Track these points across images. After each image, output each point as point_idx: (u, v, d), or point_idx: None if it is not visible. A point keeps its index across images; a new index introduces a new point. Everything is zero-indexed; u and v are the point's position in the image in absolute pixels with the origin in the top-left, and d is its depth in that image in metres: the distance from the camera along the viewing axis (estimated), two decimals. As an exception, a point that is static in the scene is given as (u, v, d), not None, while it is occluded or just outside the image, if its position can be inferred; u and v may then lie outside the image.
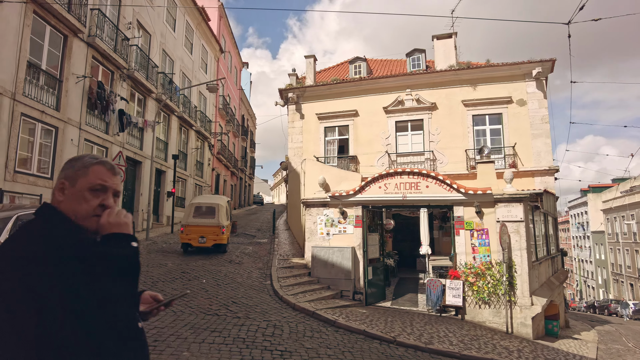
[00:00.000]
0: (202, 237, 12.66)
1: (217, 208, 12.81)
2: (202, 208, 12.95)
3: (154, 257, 12.13)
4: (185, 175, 21.72)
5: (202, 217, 12.76)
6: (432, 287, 11.27)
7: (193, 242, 12.76)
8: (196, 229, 12.70)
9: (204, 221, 12.69)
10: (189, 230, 12.72)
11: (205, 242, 12.69)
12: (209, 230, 12.69)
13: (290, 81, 25.06)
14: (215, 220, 12.72)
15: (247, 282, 10.52)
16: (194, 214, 12.83)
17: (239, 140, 34.96)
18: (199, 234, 12.67)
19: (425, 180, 11.64)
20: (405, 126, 21.43)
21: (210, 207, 12.91)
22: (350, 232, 12.31)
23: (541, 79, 19.99)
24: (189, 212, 12.92)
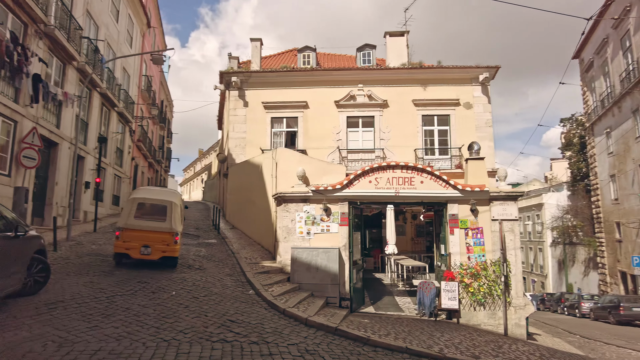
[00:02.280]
0: (146, 247, 9.15)
1: (169, 207, 9.33)
2: (148, 206, 9.45)
3: (91, 262, 9.53)
4: (105, 163, 18.30)
5: (147, 218, 9.36)
6: (426, 290, 10.49)
7: (132, 252, 9.14)
8: (139, 235, 9.13)
9: (150, 224, 9.25)
10: (128, 236, 9.11)
11: (150, 253, 9.18)
12: (156, 238, 9.20)
13: (230, 65, 22.81)
14: (166, 223, 9.24)
15: (227, 293, 8.63)
16: (136, 213, 9.28)
17: (157, 129, 31.25)
18: (142, 242, 9.15)
19: (419, 176, 10.84)
20: (357, 122, 20.75)
21: (160, 205, 9.42)
22: (334, 231, 11.00)
23: (486, 84, 20.77)
24: (129, 210, 9.29)
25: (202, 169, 53.28)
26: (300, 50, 22.83)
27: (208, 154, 53.02)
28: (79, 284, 7.75)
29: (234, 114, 20.93)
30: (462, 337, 8.48)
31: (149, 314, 6.59)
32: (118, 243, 9.22)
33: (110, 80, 18.44)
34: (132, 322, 6.07)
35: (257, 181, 14.42)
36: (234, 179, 19.05)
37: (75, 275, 8.44)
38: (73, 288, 7.47)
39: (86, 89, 15.74)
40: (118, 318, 6.20)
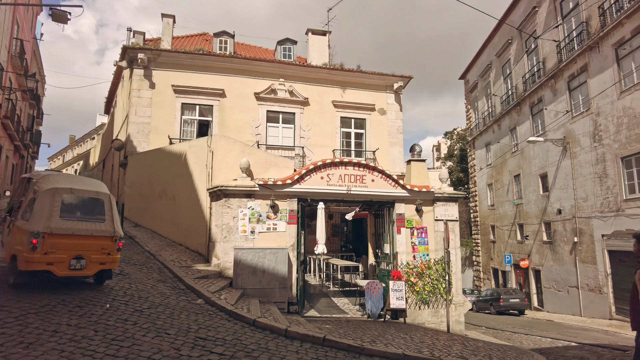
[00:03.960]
0: (79, 258, 6.50)
1: (108, 202, 7.02)
2: (78, 201, 6.79)
3: None
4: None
5: (79, 218, 6.70)
6: (373, 291, 10.23)
7: (58, 267, 6.37)
8: (68, 243, 6.41)
9: (85, 227, 6.62)
10: (52, 245, 6.26)
11: (85, 266, 6.58)
12: (93, 245, 6.64)
13: (135, 40, 19.91)
14: (106, 225, 6.85)
15: (172, 303, 7.16)
16: (62, 212, 6.52)
17: (26, 106, 25.97)
18: (73, 252, 6.46)
19: (371, 174, 10.56)
20: (277, 117, 19.91)
21: (94, 199, 6.94)
22: (282, 230, 10.07)
23: (399, 92, 21.80)
24: (50, 206, 6.40)
25: (75, 158, 46.18)
26: (217, 35, 21.10)
27: (83, 142, 46.20)
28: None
29: (138, 96, 18.30)
30: (425, 337, 8.36)
31: (92, 337, 4.98)
32: (35, 256, 6.09)
33: (-25, 36, 14.50)
34: (73, 352, 4.48)
35: (178, 172, 12.62)
36: (136, 169, 16.58)
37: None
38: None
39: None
40: (49, 347, 4.53)
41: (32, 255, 6.13)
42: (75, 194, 6.78)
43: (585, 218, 18.89)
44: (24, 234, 6.29)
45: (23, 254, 6.15)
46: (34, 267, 6.20)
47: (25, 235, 6.21)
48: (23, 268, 6.21)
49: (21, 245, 6.27)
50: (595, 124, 18.13)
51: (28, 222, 6.32)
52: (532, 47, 24.38)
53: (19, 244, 6.37)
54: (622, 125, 16.49)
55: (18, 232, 6.54)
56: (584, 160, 18.96)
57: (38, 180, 6.81)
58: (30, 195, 6.62)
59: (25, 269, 6.21)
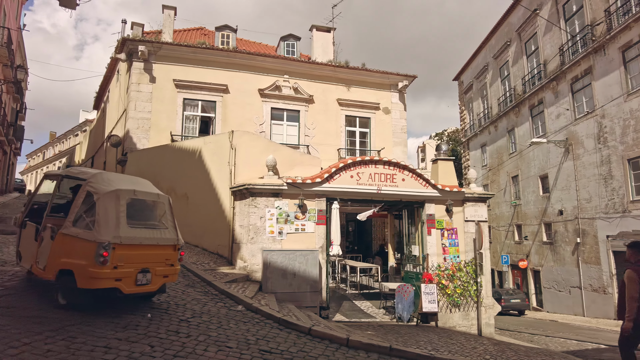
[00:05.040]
0: (145, 272, 5.53)
1: (168, 206, 6.17)
2: (140, 205, 5.87)
3: None
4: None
5: (144, 226, 5.78)
6: (405, 294, 9.87)
7: (126, 282, 5.35)
8: (135, 255, 5.47)
9: (150, 235, 5.70)
10: (121, 257, 5.29)
11: (150, 281, 5.60)
12: (157, 256, 5.75)
13: (134, 32, 19.04)
14: (170, 232, 5.99)
15: (213, 311, 6.63)
16: (129, 218, 5.52)
17: (10, 99, 24.65)
18: (140, 265, 5.49)
19: (401, 173, 10.18)
20: (281, 115, 19.39)
21: (155, 202, 6.10)
22: (310, 231, 9.59)
23: (403, 92, 21.58)
24: (116, 212, 5.38)
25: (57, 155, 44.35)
26: (219, 29, 20.44)
27: (65, 139, 44.42)
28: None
29: (137, 90, 17.50)
30: (468, 342, 8.04)
31: (150, 353, 4.45)
32: (104, 271, 5.09)
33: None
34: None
35: (190, 170, 11.98)
36: (137, 167, 15.74)
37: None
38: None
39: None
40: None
41: (101, 270, 5.07)
42: (138, 196, 5.79)
43: (589, 219, 19.03)
44: (84, 245, 5.18)
45: (87, 269, 5.07)
46: (101, 284, 5.15)
47: (88, 246, 5.14)
48: (86, 286, 5.13)
49: (82, 259, 5.15)
50: (600, 125, 18.28)
51: (91, 231, 5.21)
52: (532, 49, 24.54)
53: (78, 257, 5.19)
54: (629, 127, 16.63)
55: (72, 243, 5.32)
56: (588, 162, 19.11)
57: (90, 180, 5.65)
58: (82, 197, 5.52)
59: (90, 286, 5.14)
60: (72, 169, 6.49)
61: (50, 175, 6.84)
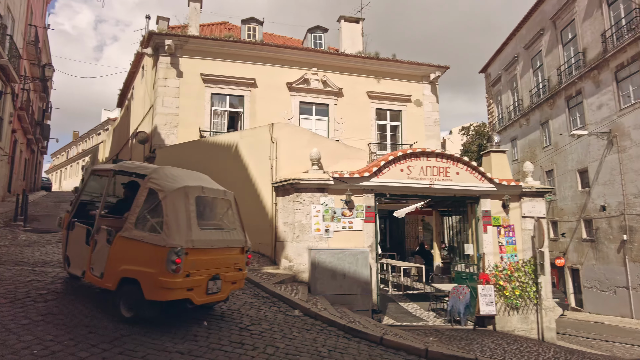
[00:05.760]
0: (215, 279, 4.92)
1: (233, 204, 5.54)
2: (205, 203, 5.28)
3: (19, 277, 6.02)
4: (-20, 132, 13.08)
5: (212, 227, 5.24)
6: (460, 296, 9.17)
7: (197, 292, 4.74)
8: (206, 260, 4.85)
9: (220, 238, 5.12)
10: (193, 264, 4.65)
11: (220, 289, 5.01)
12: (226, 261, 5.13)
13: (159, 27, 18.66)
14: (238, 234, 5.38)
15: (270, 316, 6.10)
16: (199, 219, 4.95)
17: (37, 98, 24.64)
18: (210, 271, 4.87)
19: (455, 166, 9.48)
20: (310, 109, 18.80)
21: (222, 201, 5.52)
22: (358, 229, 8.98)
23: (435, 83, 20.74)
24: (187, 212, 4.75)
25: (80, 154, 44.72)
26: (245, 21, 19.91)
27: (88, 137, 44.73)
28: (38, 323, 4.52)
29: (164, 85, 17.12)
30: (542, 349, 7.32)
31: None
32: (176, 280, 4.45)
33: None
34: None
35: (225, 166, 11.47)
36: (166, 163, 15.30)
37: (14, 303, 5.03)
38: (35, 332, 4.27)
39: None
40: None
41: (173, 279, 4.39)
42: (206, 194, 5.13)
43: (637, 215, 17.94)
44: (152, 251, 4.53)
45: (157, 278, 4.40)
46: (173, 295, 4.49)
47: (157, 252, 4.47)
48: (156, 297, 4.47)
49: (149, 266, 4.50)
50: (650, 115, 17.17)
51: (159, 235, 4.55)
52: (569, 37, 23.37)
53: (144, 264, 4.55)
54: (684, 117, 15.53)
55: (135, 248, 4.67)
56: (636, 154, 18.00)
57: (152, 175, 4.97)
58: (144, 196, 4.86)
59: (160, 298, 4.48)
60: (125, 163, 5.72)
61: (100, 170, 6.20)
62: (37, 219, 12.92)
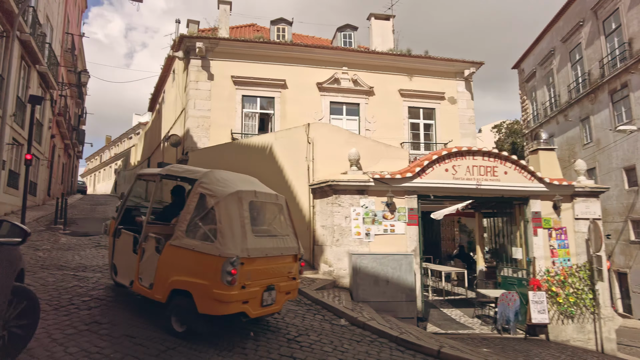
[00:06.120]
0: (270, 289, 4.61)
1: (285, 208, 5.26)
2: (258, 209, 5.02)
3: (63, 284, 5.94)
4: (21, 137, 13.36)
5: (265, 234, 4.92)
6: (509, 302, 8.63)
7: (252, 305, 4.41)
8: (261, 270, 4.53)
9: (274, 245, 4.80)
10: (249, 275, 4.31)
11: (275, 300, 4.71)
12: (280, 270, 4.82)
13: (190, 30, 18.78)
14: (290, 241, 5.04)
15: (316, 326, 5.81)
16: (252, 225, 4.61)
17: (73, 104, 25.31)
18: (265, 282, 4.57)
19: (503, 165, 8.97)
20: (340, 109, 18.46)
21: (273, 205, 5.22)
22: (400, 232, 8.59)
23: (470, 80, 20.04)
24: (241, 218, 4.41)
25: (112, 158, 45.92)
26: (274, 22, 19.78)
27: (120, 142, 45.87)
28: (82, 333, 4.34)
29: (196, 88, 17.17)
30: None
31: None
32: (232, 293, 4.11)
33: (34, 26, 13.52)
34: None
35: (259, 168, 11.25)
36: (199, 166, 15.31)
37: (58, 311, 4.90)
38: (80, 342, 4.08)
39: (2, 25, 11.01)
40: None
41: (229, 292, 4.06)
42: (259, 198, 4.83)
43: (693, 215, 16.73)
44: (205, 261, 4.20)
45: (211, 291, 4.08)
46: (229, 309, 4.15)
47: (211, 262, 4.14)
48: (210, 311, 4.15)
49: (202, 277, 4.18)
50: None
51: (212, 243, 4.23)
52: (612, 28, 22.15)
53: (196, 275, 4.24)
54: None
55: (187, 257, 4.35)
56: (691, 150, 16.79)
57: (203, 180, 4.64)
58: (195, 201, 4.55)
59: (215, 312, 4.16)
60: (173, 167, 5.38)
61: (145, 175, 5.94)
62: (75, 222, 13.11)
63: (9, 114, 11.94)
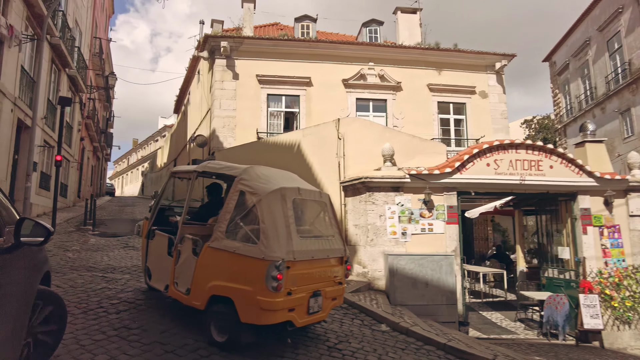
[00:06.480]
0: (316, 295, 4.19)
1: (329, 207, 4.81)
2: (301, 207, 4.61)
3: (91, 285, 5.74)
4: (52, 139, 13.50)
5: (310, 235, 4.50)
6: (558, 306, 8.01)
7: (298, 312, 4.01)
8: (307, 274, 4.12)
9: (320, 247, 4.37)
10: (295, 279, 3.92)
11: (321, 307, 4.27)
12: (326, 274, 4.42)
13: (214, 30, 18.72)
14: (336, 242, 4.63)
15: (356, 332, 5.43)
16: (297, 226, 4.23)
17: (101, 108, 25.73)
18: (311, 287, 4.15)
19: (548, 158, 8.37)
20: (367, 105, 18.02)
21: (316, 203, 4.78)
22: (439, 231, 8.11)
23: (501, 73, 19.27)
24: (285, 217, 4.01)
25: (139, 160, 46.77)
26: (298, 19, 19.51)
27: (146, 144, 46.68)
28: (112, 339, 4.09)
29: (221, 88, 17.08)
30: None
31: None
32: (278, 301, 3.74)
33: (64, 30, 13.65)
34: None
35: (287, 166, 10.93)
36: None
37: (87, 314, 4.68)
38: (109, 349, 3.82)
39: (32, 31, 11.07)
40: None
41: (274, 299, 3.69)
42: (303, 196, 4.41)
43: None
44: (247, 264, 3.84)
45: (255, 298, 3.70)
46: (274, 318, 3.78)
47: (254, 265, 3.78)
48: (254, 320, 3.78)
49: (245, 283, 3.82)
50: None
51: (255, 245, 3.86)
52: (655, 14, 20.86)
53: (238, 280, 3.87)
54: None
55: (227, 261, 3.99)
56: None
57: (243, 176, 4.30)
58: (235, 199, 4.21)
59: (259, 322, 3.78)
60: (210, 164, 5.00)
61: (180, 172, 5.46)
62: (104, 223, 13.16)
63: (40, 116, 12.05)
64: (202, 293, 4.10)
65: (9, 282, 2.40)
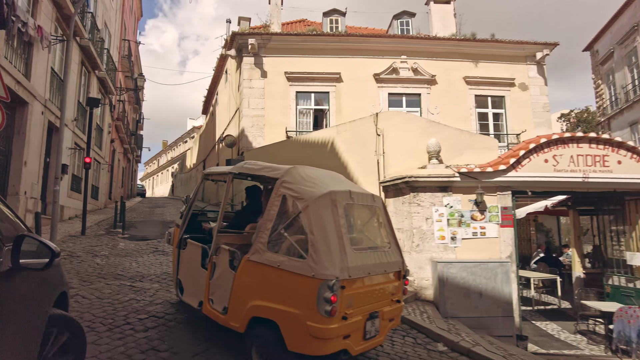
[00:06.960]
0: (373, 317, 3.50)
1: (383, 213, 4.12)
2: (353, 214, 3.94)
3: (118, 297, 5.33)
4: (83, 142, 13.39)
5: (366, 247, 3.86)
6: (630, 319, 7.09)
7: (354, 339, 3.34)
8: (363, 293, 3.45)
9: (375, 261, 3.65)
10: (350, 301, 3.25)
11: (378, 330, 3.61)
12: (383, 292, 3.74)
13: (241, 28, 18.37)
14: (393, 254, 3.94)
15: (409, 352, 4.75)
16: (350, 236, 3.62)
17: (131, 110, 25.92)
18: (367, 308, 3.47)
19: (616, 153, 7.46)
20: (400, 100, 17.19)
21: (369, 208, 4.05)
22: (492, 235, 7.34)
23: (542, 63, 18.06)
24: (338, 231, 3.33)
25: (169, 161, 47.38)
26: (327, 14, 18.92)
27: (176, 146, 47.23)
28: None
29: (249, 86, 16.67)
30: None
31: None
32: (332, 327, 3.08)
33: (93, 31, 13.53)
34: None
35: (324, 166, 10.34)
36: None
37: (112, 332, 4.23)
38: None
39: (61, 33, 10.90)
40: None
41: (328, 325, 3.04)
42: (355, 201, 3.77)
43: None
44: (294, 282, 3.25)
45: (304, 323, 3.08)
46: (327, 347, 3.13)
47: (302, 284, 3.18)
48: (305, 350, 3.16)
49: (292, 304, 3.21)
50: None
51: (303, 261, 3.24)
52: None
53: (284, 301, 3.27)
54: None
55: (270, 277, 3.42)
56: None
57: (285, 178, 3.71)
58: (277, 205, 3.62)
59: (311, 352, 3.15)
60: (247, 164, 4.33)
61: (214, 174, 4.81)
62: (134, 225, 12.96)
63: (71, 118, 11.94)
64: (242, 314, 3.51)
65: (7, 313, 1.90)
